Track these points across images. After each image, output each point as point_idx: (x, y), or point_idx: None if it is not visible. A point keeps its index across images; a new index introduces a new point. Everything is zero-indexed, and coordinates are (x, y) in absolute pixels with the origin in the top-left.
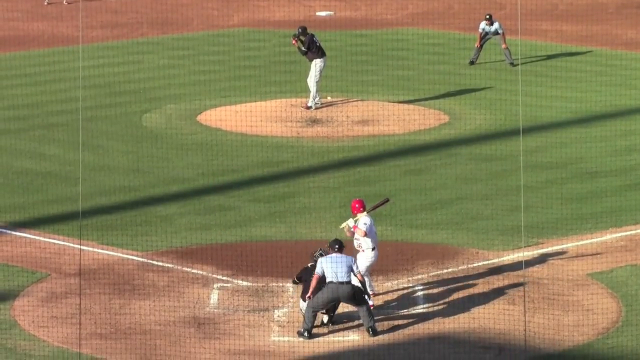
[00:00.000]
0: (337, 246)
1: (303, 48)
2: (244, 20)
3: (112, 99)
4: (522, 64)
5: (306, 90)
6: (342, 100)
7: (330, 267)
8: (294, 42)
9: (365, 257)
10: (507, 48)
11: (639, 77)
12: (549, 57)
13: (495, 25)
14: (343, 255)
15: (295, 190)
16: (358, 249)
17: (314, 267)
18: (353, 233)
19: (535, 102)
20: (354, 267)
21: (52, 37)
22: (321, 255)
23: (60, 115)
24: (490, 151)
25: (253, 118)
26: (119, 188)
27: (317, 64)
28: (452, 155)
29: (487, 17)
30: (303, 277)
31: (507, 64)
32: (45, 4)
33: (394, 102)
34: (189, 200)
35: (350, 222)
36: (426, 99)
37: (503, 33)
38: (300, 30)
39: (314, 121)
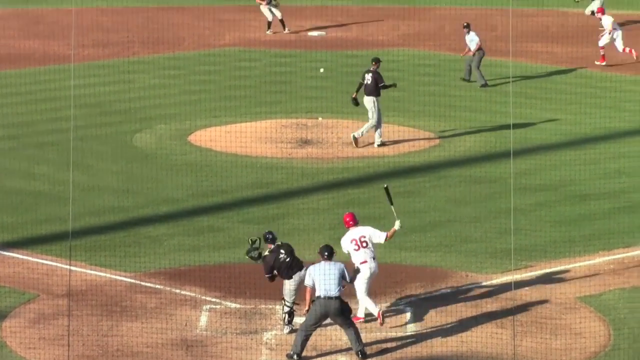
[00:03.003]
0: (326, 253)
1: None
2: (236, 39)
3: (103, 118)
4: (513, 85)
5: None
6: (333, 121)
7: (320, 279)
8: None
9: (361, 273)
10: (478, 68)
11: (631, 100)
12: (541, 78)
13: (470, 35)
14: (332, 262)
15: (286, 211)
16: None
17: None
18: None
19: (527, 124)
20: (346, 275)
21: (44, 56)
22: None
23: (51, 135)
24: (481, 173)
25: (244, 139)
26: (109, 208)
27: (379, 100)
28: (442, 177)
29: (465, 24)
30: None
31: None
32: None
33: (385, 123)
34: (179, 221)
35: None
36: (417, 120)
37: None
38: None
39: (305, 142)
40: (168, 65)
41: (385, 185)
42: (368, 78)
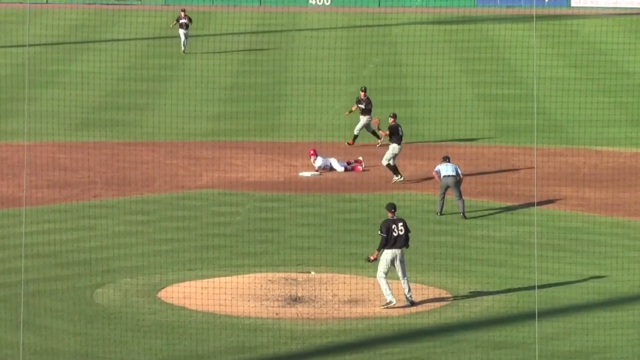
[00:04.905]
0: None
1: None
2: (215, 180)
3: (60, 270)
4: (538, 235)
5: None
6: (328, 276)
7: None
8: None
9: None
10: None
11: None
12: (570, 228)
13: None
14: None
15: None
16: None
17: None
18: None
19: (554, 281)
20: None
21: None
22: None
23: None
24: (501, 338)
25: (223, 295)
26: None
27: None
28: (456, 342)
29: (444, 158)
30: None
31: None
32: None
33: (389, 279)
34: None
35: None
36: (426, 275)
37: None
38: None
39: (295, 300)
40: (135, 210)
41: None
42: (401, 229)
